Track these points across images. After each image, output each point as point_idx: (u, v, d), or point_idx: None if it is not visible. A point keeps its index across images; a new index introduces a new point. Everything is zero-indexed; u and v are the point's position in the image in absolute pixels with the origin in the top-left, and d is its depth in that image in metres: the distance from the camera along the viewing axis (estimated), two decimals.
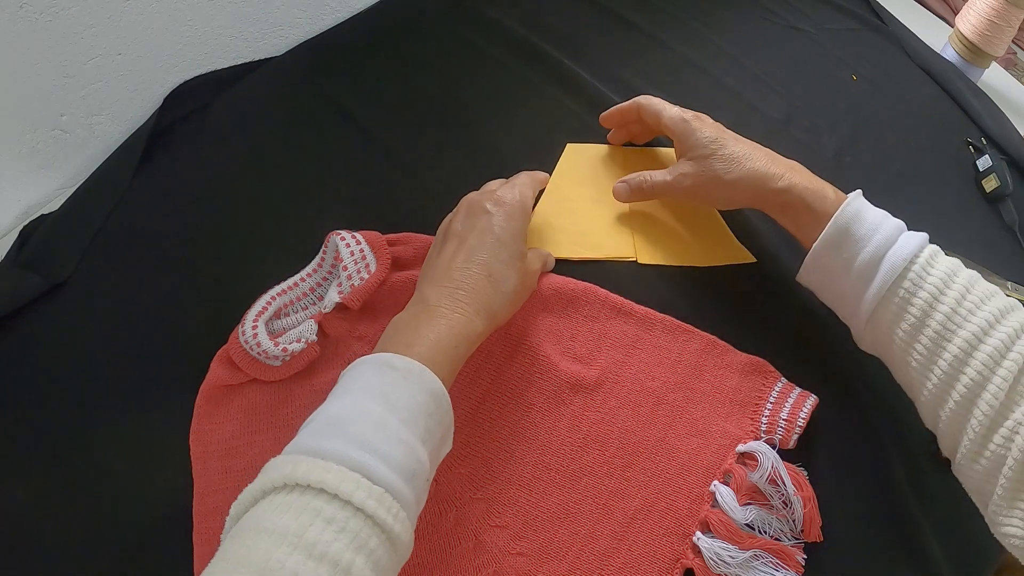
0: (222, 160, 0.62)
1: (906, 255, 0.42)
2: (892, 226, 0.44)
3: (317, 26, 0.71)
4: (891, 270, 0.42)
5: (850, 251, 0.44)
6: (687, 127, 0.52)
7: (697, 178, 0.51)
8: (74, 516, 0.46)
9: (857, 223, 0.44)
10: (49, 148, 0.59)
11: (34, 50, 0.53)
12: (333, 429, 0.34)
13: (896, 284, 0.42)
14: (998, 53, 0.74)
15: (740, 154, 0.50)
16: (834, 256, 0.45)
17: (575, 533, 0.45)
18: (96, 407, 0.49)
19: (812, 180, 0.48)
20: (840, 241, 0.44)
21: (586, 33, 0.72)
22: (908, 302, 0.42)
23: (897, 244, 0.43)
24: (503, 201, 0.48)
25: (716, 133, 0.51)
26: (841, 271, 0.45)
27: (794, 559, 0.44)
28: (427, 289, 0.44)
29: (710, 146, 0.51)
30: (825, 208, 0.46)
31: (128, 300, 0.54)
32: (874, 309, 0.43)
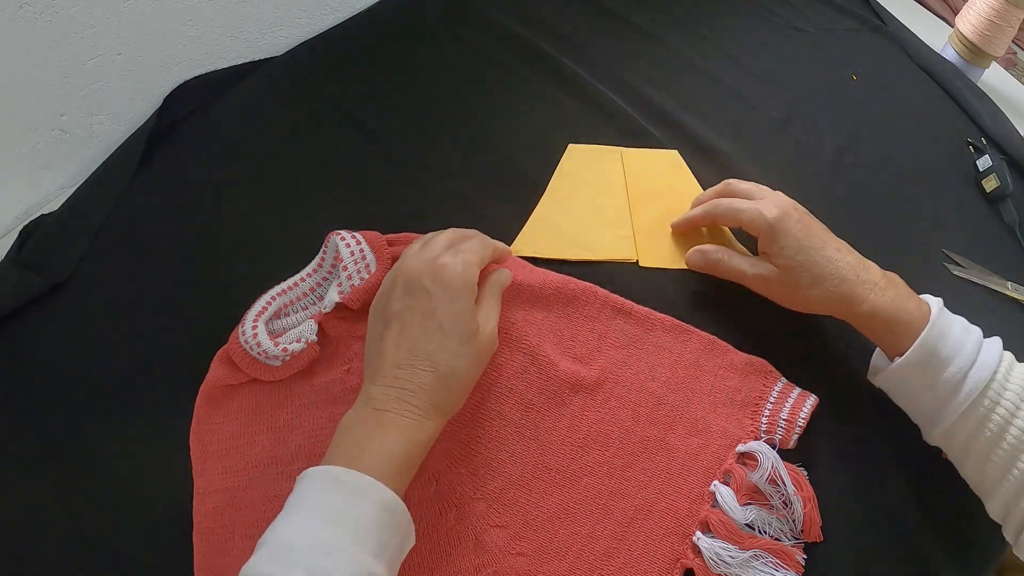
0: (222, 160, 0.62)
1: (988, 373, 0.43)
2: (974, 342, 0.45)
3: (317, 26, 0.71)
4: (974, 388, 0.43)
5: (933, 369, 0.44)
6: (772, 232, 0.49)
7: (777, 284, 0.50)
8: (74, 516, 0.46)
9: (943, 342, 0.44)
10: (49, 148, 0.59)
11: (34, 50, 0.53)
12: (286, 558, 0.34)
13: (977, 401, 0.43)
14: (998, 53, 0.74)
15: (826, 270, 0.48)
16: (917, 373, 0.45)
17: (575, 533, 0.45)
18: (96, 407, 0.49)
19: (896, 298, 0.47)
20: (924, 361, 0.44)
21: (586, 33, 0.72)
22: (988, 417, 0.43)
23: (978, 362, 0.44)
24: (443, 279, 0.42)
25: (803, 238, 0.49)
26: (923, 387, 0.45)
27: (794, 559, 0.44)
28: (372, 388, 0.41)
29: (796, 257, 0.48)
30: (907, 330, 0.45)
31: (128, 300, 0.54)
32: (954, 421, 0.44)
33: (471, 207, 0.59)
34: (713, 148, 0.63)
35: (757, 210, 0.50)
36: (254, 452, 0.46)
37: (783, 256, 0.49)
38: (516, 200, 0.59)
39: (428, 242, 0.46)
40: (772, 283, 0.50)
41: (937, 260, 0.60)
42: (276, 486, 0.45)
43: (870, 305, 0.46)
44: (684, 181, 0.61)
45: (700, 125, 0.65)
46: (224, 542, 0.43)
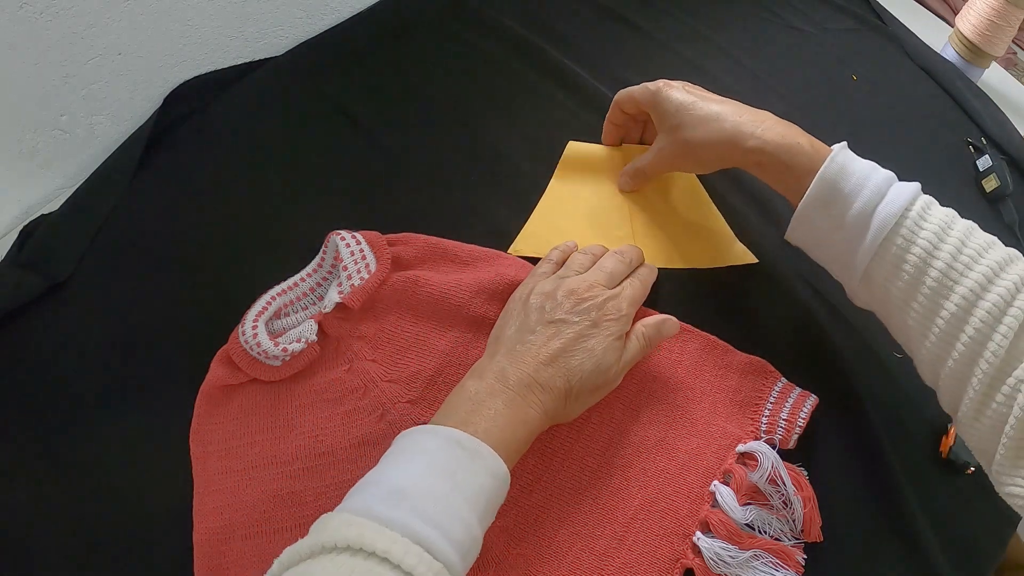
0: (222, 160, 0.62)
1: (898, 208, 0.40)
2: (881, 178, 0.42)
3: (317, 26, 0.71)
4: (883, 224, 0.40)
5: (838, 208, 0.42)
6: (654, 98, 0.51)
7: (671, 148, 0.51)
8: (74, 516, 0.46)
9: (844, 178, 0.42)
10: (49, 148, 0.59)
11: (34, 50, 0.53)
12: (399, 499, 0.34)
13: (889, 239, 0.40)
14: (998, 53, 0.74)
15: (707, 116, 0.48)
16: (822, 214, 0.43)
17: (575, 533, 0.45)
18: (96, 407, 0.49)
19: (786, 133, 0.46)
20: (827, 198, 0.43)
21: (586, 33, 0.72)
22: (902, 258, 0.40)
23: (887, 197, 0.41)
24: (611, 314, 0.44)
25: (683, 97, 0.50)
26: (830, 229, 0.43)
27: (794, 559, 0.44)
28: (511, 368, 0.42)
29: (677, 114, 0.49)
30: (804, 164, 0.44)
31: (128, 300, 0.54)
32: (867, 265, 0.41)
33: (471, 207, 0.59)
34: None
35: (643, 85, 0.53)
36: (254, 452, 0.46)
37: (668, 116, 0.50)
38: (516, 200, 0.59)
39: (609, 258, 0.49)
40: (670, 150, 0.51)
41: None
42: (276, 486, 0.45)
43: (758, 140, 0.45)
44: (684, 181, 0.61)
45: None
46: (224, 542, 0.43)
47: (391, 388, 0.48)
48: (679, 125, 0.49)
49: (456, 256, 0.53)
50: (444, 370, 0.49)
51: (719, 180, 0.62)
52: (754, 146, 0.45)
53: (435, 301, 0.50)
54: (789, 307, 0.54)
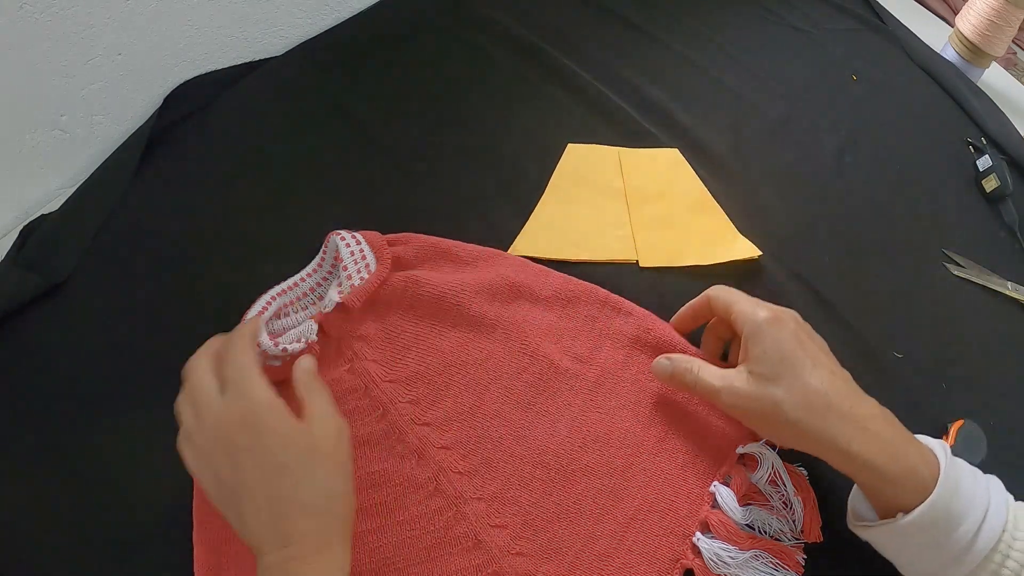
0: (222, 160, 0.61)
1: (1000, 524, 0.38)
2: (983, 490, 0.39)
3: (317, 26, 0.71)
4: (987, 544, 0.37)
5: (945, 529, 0.38)
6: (758, 330, 0.42)
7: (750, 401, 0.41)
8: (74, 516, 0.46)
9: (956, 499, 0.38)
10: (49, 148, 0.59)
11: (34, 50, 0.53)
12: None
13: (989, 558, 0.38)
14: (998, 53, 0.74)
15: (810, 390, 0.40)
16: (923, 533, 0.38)
17: (575, 533, 0.45)
18: (96, 407, 0.49)
19: (896, 439, 0.40)
20: (936, 521, 0.38)
21: (586, 33, 0.72)
22: (998, 573, 0.38)
23: (990, 514, 0.38)
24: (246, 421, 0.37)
25: (793, 348, 0.41)
26: (926, 546, 0.39)
27: (794, 559, 0.44)
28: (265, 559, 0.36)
29: (777, 366, 0.41)
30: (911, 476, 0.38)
31: (128, 300, 0.54)
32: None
33: (471, 207, 0.58)
34: (713, 148, 0.63)
35: (752, 304, 0.44)
36: None
37: (764, 360, 0.41)
38: (516, 200, 0.59)
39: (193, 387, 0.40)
40: (745, 402, 0.42)
41: (937, 260, 0.60)
42: None
43: (861, 446, 0.39)
44: (685, 179, 0.61)
45: (700, 125, 0.65)
46: (224, 542, 0.43)
47: (392, 388, 0.48)
48: (772, 381, 0.41)
49: (456, 256, 0.53)
50: (445, 370, 0.49)
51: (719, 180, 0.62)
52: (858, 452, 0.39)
53: (436, 301, 0.50)
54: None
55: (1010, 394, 0.54)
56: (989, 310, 0.58)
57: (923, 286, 0.58)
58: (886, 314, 0.56)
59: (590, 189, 0.60)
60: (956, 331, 0.56)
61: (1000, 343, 0.56)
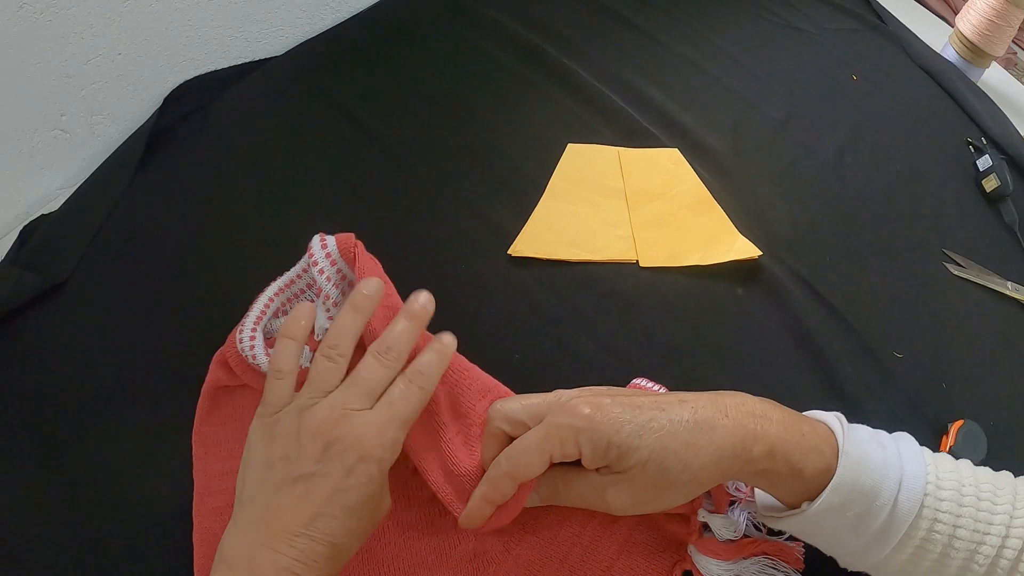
0: (222, 160, 0.62)
1: (918, 492, 0.35)
2: (893, 455, 0.36)
3: (317, 26, 0.71)
4: (907, 514, 0.35)
5: (855, 508, 0.35)
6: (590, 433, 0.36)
7: (638, 493, 0.36)
8: (74, 516, 0.46)
9: (863, 474, 0.35)
10: (49, 148, 0.59)
11: (34, 50, 0.53)
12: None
13: (913, 526, 0.35)
14: (998, 53, 0.74)
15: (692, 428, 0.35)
16: (834, 517, 0.36)
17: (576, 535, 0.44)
18: (96, 407, 0.49)
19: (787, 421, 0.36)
20: (843, 502, 0.35)
21: (586, 33, 0.72)
22: (928, 539, 0.35)
23: (904, 482, 0.35)
24: (366, 452, 0.36)
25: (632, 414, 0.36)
26: (840, 528, 0.36)
27: (794, 556, 0.44)
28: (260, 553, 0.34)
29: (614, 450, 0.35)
30: (817, 462, 0.35)
31: (128, 300, 0.54)
32: (885, 555, 0.36)
33: (471, 207, 0.58)
34: (713, 148, 0.63)
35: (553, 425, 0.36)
36: None
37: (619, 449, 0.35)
38: (516, 200, 0.59)
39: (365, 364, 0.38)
40: (636, 488, 0.36)
41: (937, 260, 0.60)
42: None
43: (766, 445, 0.35)
44: (685, 179, 0.61)
45: (700, 125, 0.65)
46: None
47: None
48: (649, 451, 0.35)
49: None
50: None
51: (718, 180, 0.62)
52: (764, 451, 0.35)
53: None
54: (788, 307, 0.54)
55: (1010, 394, 0.54)
56: (989, 310, 0.58)
57: (923, 286, 0.58)
58: (886, 314, 0.56)
59: (590, 189, 0.60)
60: (956, 331, 0.56)
61: (1000, 343, 0.56)
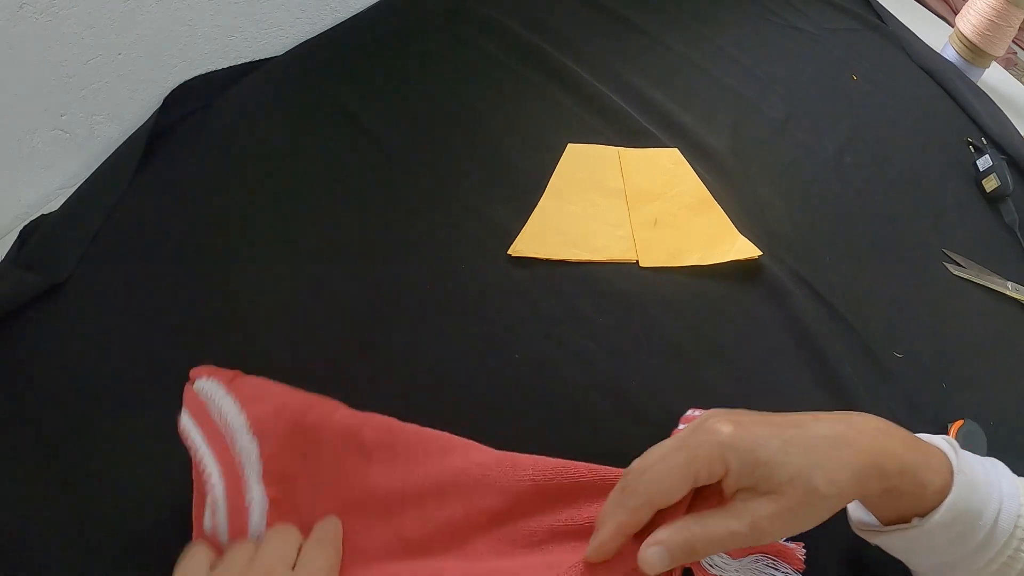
0: (222, 160, 0.61)
1: (1015, 512, 0.37)
2: (993, 477, 0.38)
3: (317, 26, 0.71)
4: (1005, 530, 0.36)
5: (965, 524, 0.37)
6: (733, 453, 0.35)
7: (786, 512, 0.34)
8: (74, 516, 0.46)
9: (973, 494, 0.37)
10: (49, 148, 0.59)
11: (34, 50, 0.53)
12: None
13: (1006, 544, 0.36)
14: (998, 53, 0.74)
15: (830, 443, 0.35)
16: (942, 534, 0.37)
17: None
18: (96, 407, 0.49)
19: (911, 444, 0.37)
20: (954, 520, 0.37)
21: (586, 33, 0.72)
22: (1015, 560, 0.36)
23: (1004, 501, 0.37)
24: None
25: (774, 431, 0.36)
26: (947, 543, 0.37)
27: (794, 556, 0.44)
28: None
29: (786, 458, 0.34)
30: (935, 481, 0.36)
31: (128, 300, 0.54)
32: (979, 569, 0.37)
33: (471, 207, 0.58)
34: (713, 148, 0.63)
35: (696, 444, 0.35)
36: None
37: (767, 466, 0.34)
38: (516, 200, 0.59)
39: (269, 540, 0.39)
40: (783, 518, 0.35)
41: (937, 260, 0.60)
42: None
43: (897, 460, 0.36)
44: (685, 179, 0.61)
45: (700, 125, 0.65)
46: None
47: None
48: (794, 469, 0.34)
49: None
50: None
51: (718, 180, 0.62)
52: (896, 468, 0.35)
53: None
54: (788, 307, 0.54)
55: (1010, 394, 0.54)
56: (989, 310, 0.58)
57: (923, 286, 0.58)
58: (886, 314, 0.56)
59: (590, 189, 0.59)
60: (956, 331, 0.56)
61: (1000, 343, 0.56)
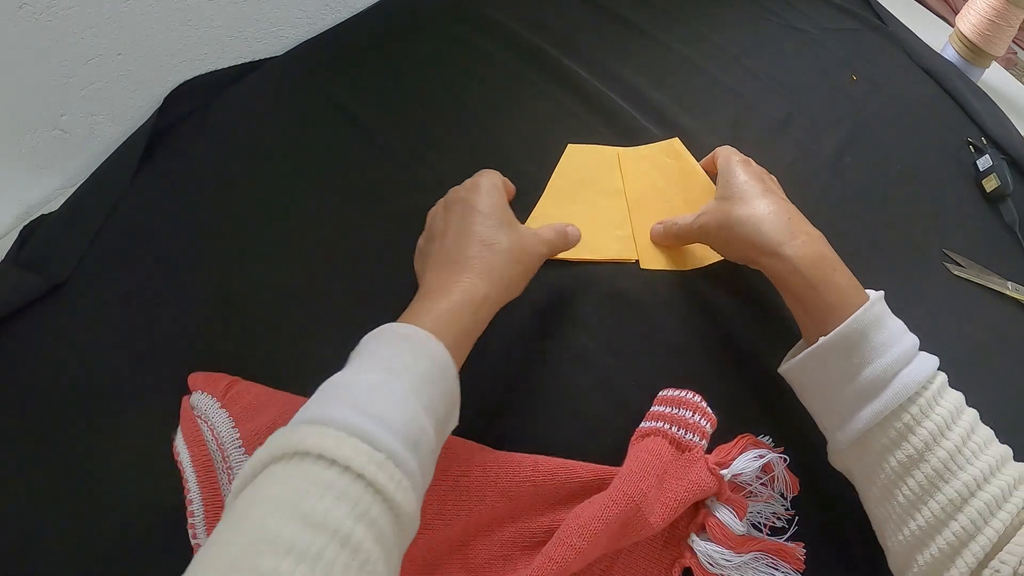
0: (222, 160, 0.62)
1: (920, 378, 0.38)
2: (910, 342, 0.40)
3: (317, 26, 0.71)
4: (902, 391, 0.38)
5: (860, 358, 0.39)
6: (728, 166, 0.51)
7: (710, 216, 0.49)
8: (74, 516, 0.46)
9: (877, 329, 0.39)
10: (49, 148, 0.59)
11: (34, 50, 0.53)
12: (334, 395, 0.33)
13: (903, 407, 0.38)
14: (998, 53, 0.74)
15: (760, 206, 0.46)
16: (840, 359, 0.40)
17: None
18: (96, 407, 0.49)
19: (823, 256, 0.43)
20: (852, 345, 0.39)
21: (586, 33, 0.72)
22: (911, 430, 0.38)
23: (912, 364, 0.39)
24: (477, 185, 0.47)
25: (753, 181, 0.49)
26: (841, 378, 0.40)
27: (794, 556, 0.44)
28: (427, 276, 0.43)
29: (737, 190, 0.48)
30: (834, 299, 0.41)
31: (128, 300, 0.54)
32: (870, 429, 0.39)
33: None
34: (712, 148, 0.63)
35: (734, 153, 0.53)
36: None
37: (727, 186, 0.49)
38: (516, 200, 0.58)
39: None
40: (707, 218, 0.49)
41: (937, 260, 0.60)
42: None
43: (789, 249, 0.43)
44: (685, 173, 0.60)
45: (700, 125, 0.65)
46: None
47: None
48: (730, 199, 0.49)
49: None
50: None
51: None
52: (782, 253, 0.43)
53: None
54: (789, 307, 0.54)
55: (1010, 394, 0.54)
56: (989, 310, 0.58)
57: (923, 286, 0.58)
58: None
59: (590, 189, 0.59)
60: (956, 331, 0.56)
61: (1000, 343, 0.56)
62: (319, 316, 0.53)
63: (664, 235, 0.55)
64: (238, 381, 0.48)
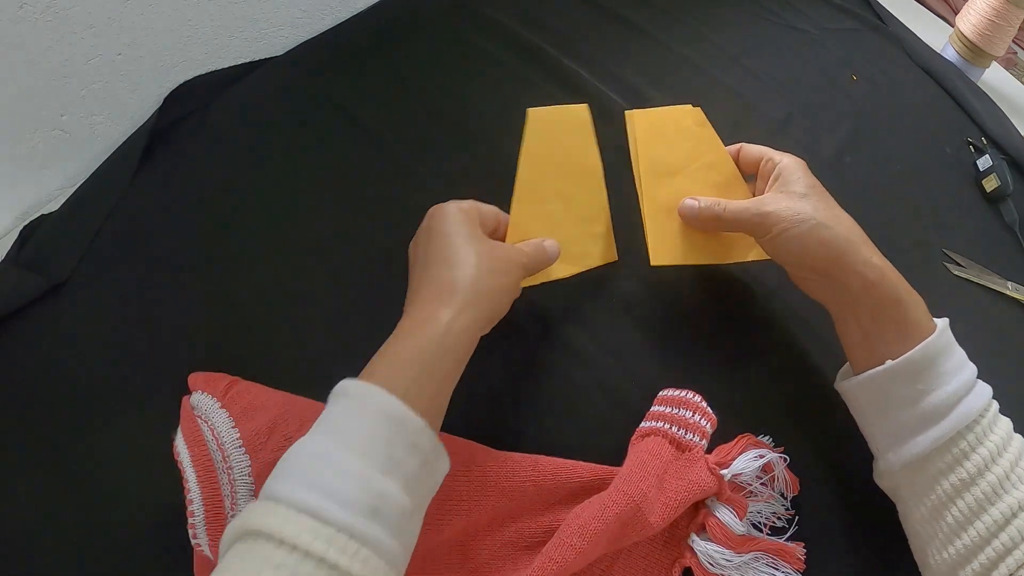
0: (222, 160, 0.62)
1: (981, 405, 0.39)
2: (971, 371, 0.41)
3: (317, 26, 0.71)
4: (962, 419, 0.38)
5: (926, 384, 0.39)
6: (793, 164, 0.47)
7: (783, 208, 0.44)
8: (74, 516, 0.46)
9: (946, 356, 0.40)
10: (49, 148, 0.59)
11: (34, 50, 0.53)
12: (287, 466, 0.33)
13: (960, 435, 0.38)
14: (998, 53, 0.74)
15: (841, 213, 0.45)
16: (905, 384, 0.39)
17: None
18: (96, 407, 0.49)
19: (900, 278, 0.42)
20: (922, 370, 0.39)
21: (586, 33, 0.72)
22: (966, 456, 0.38)
23: (974, 392, 0.39)
24: (441, 209, 0.45)
25: (818, 184, 0.46)
26: (904, 402, 0.40)
27: (794, 556, 0.44)
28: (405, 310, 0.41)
29: (812, 190, 0.45)
30: (917, 319, 0.40)
31: (128, 300, 0.54)
32: (928, 452, 0.39)
33: None
34: None
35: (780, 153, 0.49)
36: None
37: (793, 184, 0.45)
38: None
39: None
40: (779, 207, 0.44)
41: (937, 260, 0.60)
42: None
43: (878, 270, 0.41)
44: (711, 147, 0.51)
45: None
46: None
47: None
48: (805, 197, 0.45)
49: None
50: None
51: None
52: (875, 271, 0.41)
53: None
54: (790, 307, 0.54)
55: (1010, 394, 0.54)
56: (989, 310, 0.58)
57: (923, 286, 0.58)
58: None
59: (560, 176, 0.51)
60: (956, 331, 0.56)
61: (1000, 343, 0.56)
62: (319, 316, 0.53)
63: (700, 215, 0.47)
64: (238, 381, 0.48)
